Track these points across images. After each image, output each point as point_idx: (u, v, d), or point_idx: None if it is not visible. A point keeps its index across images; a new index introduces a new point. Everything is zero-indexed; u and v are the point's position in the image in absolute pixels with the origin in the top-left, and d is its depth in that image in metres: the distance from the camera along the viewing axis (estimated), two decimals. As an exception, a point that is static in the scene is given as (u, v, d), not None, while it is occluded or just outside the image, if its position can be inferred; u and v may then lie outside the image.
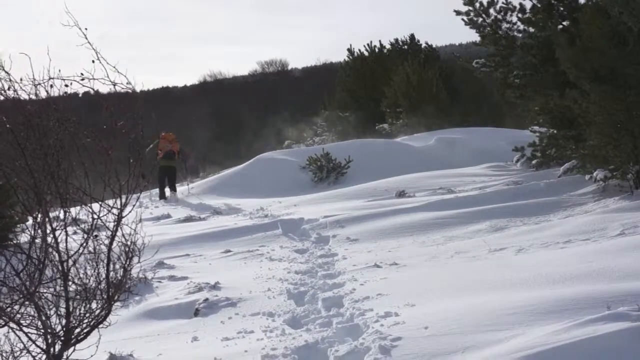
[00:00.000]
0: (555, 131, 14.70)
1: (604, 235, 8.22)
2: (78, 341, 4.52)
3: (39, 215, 4.26)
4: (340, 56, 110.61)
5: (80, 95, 5.29)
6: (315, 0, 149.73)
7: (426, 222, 10.78)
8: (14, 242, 4.48)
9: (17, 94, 4.37)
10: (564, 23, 14.28)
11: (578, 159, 12.43)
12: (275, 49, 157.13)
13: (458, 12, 15.59)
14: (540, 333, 4.54)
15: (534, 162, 15.79)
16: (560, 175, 13.42)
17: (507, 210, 10.87)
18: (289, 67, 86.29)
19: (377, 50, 37.27)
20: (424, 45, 39.46)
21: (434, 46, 40.97)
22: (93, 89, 4.43)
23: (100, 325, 4.57)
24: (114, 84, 4.38)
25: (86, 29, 4.44)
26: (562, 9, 14.31)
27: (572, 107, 12.05)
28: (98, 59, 4.36)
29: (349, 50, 37.62)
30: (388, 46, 38.30)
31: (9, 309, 4.19)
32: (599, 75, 11.00)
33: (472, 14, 15.40)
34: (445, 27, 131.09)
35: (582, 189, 11.80)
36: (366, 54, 37.20)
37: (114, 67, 4.39)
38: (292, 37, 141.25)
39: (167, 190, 19.57)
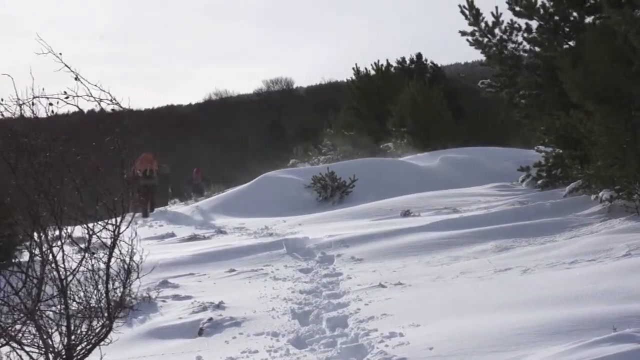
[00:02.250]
0: (560, 151, 14.69)
1: (609, 256, 8.18)
2: (80, 359, 4.50)
3: (36, 234, 4.25)
4: (346, 75, 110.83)
5: (69, 113, 5.31)
6: (320, 19, 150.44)
7: (431, 242, 10.75)
8: (14, 260, 4.46)
9: (2, 115, 4.37)
10: (570, 43, 14.32)
11: (584, 179, 12.40)
12: (280, 68, 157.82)
13: (463, 33, 15.63)
14: (546, 354, 4.52)
15: (539, 182, 15.75)
16: (566, 195, 13.37)
17: (513, 230, 10.83)
18: (294, 86, 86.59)
19: (383, 68, 37.38)
20: (429, 64, 39.61)
21: (439, 65, 41.15)
22: (78, 107, 4.43)
23: (102, 343, 4.55)
24: (99, 101, 4.39)
25: (60, 53, 4.43)
26: (567, 29, 14.36)
27: (577, 127, 12.04)
28: (77, 78, 4.36)
29: (355, 69, 37.78)
30: (395, 64, 38.44)
31: (9, 328, 4.18)
32: (604, 96, 11.01)
33: (477, 34, 15.45)
34: (450, 46, 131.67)
35: (588, 209, 11.76)
36: (372, 72, 37.32)
37: (96, 85, 4.40)
38: (298, 56, 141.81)
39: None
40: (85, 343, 4.45)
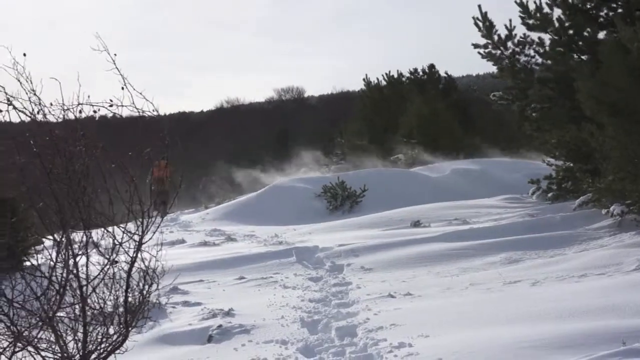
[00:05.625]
0: (571, 164, 14.66)
1: (619, 270, 8.18)
2: (94, 366, 4.53)
3: (62, 240, 4.28)
4: (357, 84, 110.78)
5: (108, 117, 5.34)
6: (332, 29, 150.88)
7: (441, 253, 10.75)
8: (32, 263, 4.48)
9: (46, 118, 4.41)
10: (583, 57, 14.30)
11: (594, 192, 12.37)
12: (292, 77, 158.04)
13: (476, 45, 15.65)
14: (554, 368, 4.53)
15: (549, 195, 15.71)
16: (576, 208, 13.34)
17: (522, 242, 10.83)
18: (306, 95, 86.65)
19: (394, 79, 37.39)
20: (443, 75, 39.57)
21: (452, 76, 41.12)
22: (121, 115, 4.49)
23: (117, 351, 4.58)
24: (142, 112, 4.44)
25: (115, 54, 4.50)
26: (581, 43, 14.35)
27: (588, 141, 12.02)
28: (125, 85, 4.42)
29: (365, 80, 37.82)
30: (407, 74, 38.44)
31: (26, 333, 4.21)
32: (617, 109, 10.99)
33: (490, 47, 15.45)
34: (462, 58, 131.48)
35: (598, 222, 11.74)
36: (384, 83, 37.33)
37: (141, 93, 4.45)
38: (309, 65, 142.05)
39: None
40: (101, 350, 4.47)
